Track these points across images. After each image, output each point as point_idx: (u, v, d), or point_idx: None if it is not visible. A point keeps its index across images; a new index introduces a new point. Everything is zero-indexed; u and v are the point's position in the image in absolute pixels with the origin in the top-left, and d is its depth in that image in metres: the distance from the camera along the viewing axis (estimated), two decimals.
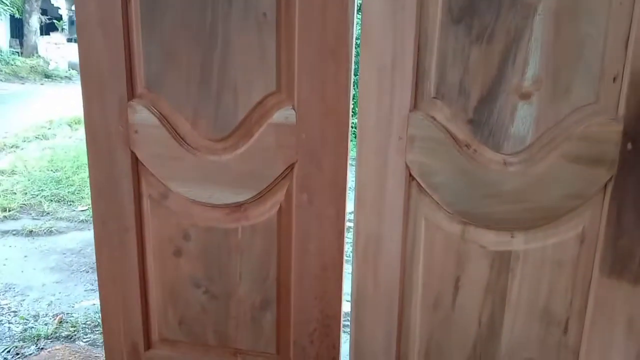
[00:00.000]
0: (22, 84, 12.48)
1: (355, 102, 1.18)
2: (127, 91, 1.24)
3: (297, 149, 1.19)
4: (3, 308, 2.65)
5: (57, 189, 4.44)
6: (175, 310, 1.36)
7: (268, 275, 1.28)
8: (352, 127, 1.19)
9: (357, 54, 1.14)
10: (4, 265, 3.08)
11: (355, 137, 1.15)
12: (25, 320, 2.53)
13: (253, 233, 1.27)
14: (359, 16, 1.13)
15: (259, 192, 1.24)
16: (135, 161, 1.29)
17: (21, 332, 2.45)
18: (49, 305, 2.70)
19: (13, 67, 13.26)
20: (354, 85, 1.19)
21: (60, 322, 2.52)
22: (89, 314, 2.55)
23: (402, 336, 1.25)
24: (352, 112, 1.19)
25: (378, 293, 1.23)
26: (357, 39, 1.12)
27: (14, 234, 3.54)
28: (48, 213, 3.98)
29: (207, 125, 1.22)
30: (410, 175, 1.16)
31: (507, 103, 1.08)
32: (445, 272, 1.19)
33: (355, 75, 1.26)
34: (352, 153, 1.18)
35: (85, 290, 2.86)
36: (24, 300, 2.74)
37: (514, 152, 1.10)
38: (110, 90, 1.24)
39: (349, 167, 1.20)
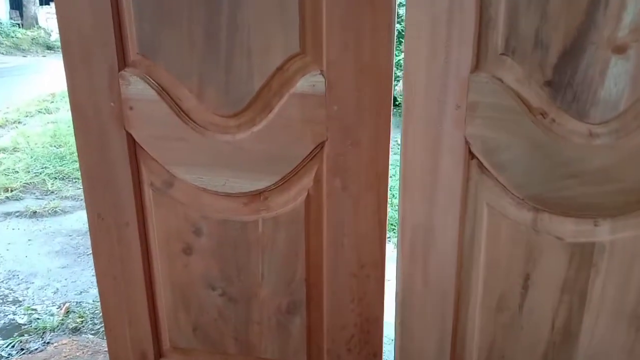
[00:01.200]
0: (24, 56, 12.20)
1: (398, 63, 0.95)
2: (117, 58, 1.01)
3: (327, 123, 0.97)
4: (7, 297, 2.50)
5: (61, 165, 4.25)
6: (188, 315, 1.16)
7: (295, 274, 1.08)
8: (394, 95, 0.96)
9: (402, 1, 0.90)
10: (7, 250, 2.92)
11: (398, 108, 0.92)
12: (30, 311, 2.38)
13: (276, 225, 1.06)
14: None
15: (282, 177, 1.02)
16: (133, 144, 1.07)
17: (26, 324, 2.30)
18: (54, 293, 2.54)
19: (14, 39, 12.97)
20: (397, 42, 0.96)
21: (67, 312, 2.36)
22: (97, 302, 2.39)
23: (458, 343, 1.05)
24: (395, 77, 0.96)
25: (428, 293, 1.03)
26: None
27: (17, 216, 3.37)
28: (52, 192, 3.80)
29: (217, 97, 1.00)
30: (470, 152, 0.94)
31: (596, 59, 0.85)
32: (511, 268, 0.98)
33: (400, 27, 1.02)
34: (394, 129, 0.96)
35: (93, 276, 2.67)
36: (28, 288, 2.58)
37: (602, 120, 0.87)
38: (96, 58, 1.02)
39: (391, 144, 0.98)
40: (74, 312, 2.38)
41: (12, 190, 3.74)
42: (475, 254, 0.99)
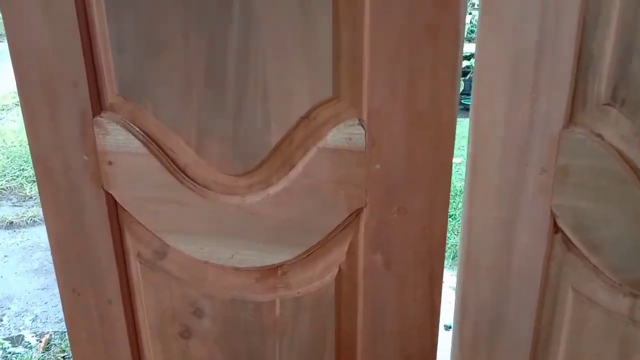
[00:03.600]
0: (2, 41, 11.68)
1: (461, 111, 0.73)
2: (90, 101, 0.78)
3: (366, 186, 0.75)
4: None
5: None
6: None
7: None
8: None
9: (471, 31, 0.67)
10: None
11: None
12: (5, 346, 2.14)
13: (298, 308, 0.84)
14: None
15: (306, 250, 0.80)
16: (113, 206, 0.84)
17: None
18: (33, 321, 2.31)
19: None
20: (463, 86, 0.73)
21: (48, 345, 2.14)
22: None
23: None
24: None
25: None
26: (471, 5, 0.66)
27: None
28: (31, 197, 3.53)
29: (221, 151, 0.77)
30: (556, 226, 0.72)
31: None
32: None
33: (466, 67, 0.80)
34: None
35: None
36: (4, 315, 2.35)
37: None
38: (63, 100, 0.78)
39: (448, 211, 0.76)
40: (55, 345, 2.15)
41: None
42: (553, 349, 0.79)
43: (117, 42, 0.74)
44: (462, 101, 3.76)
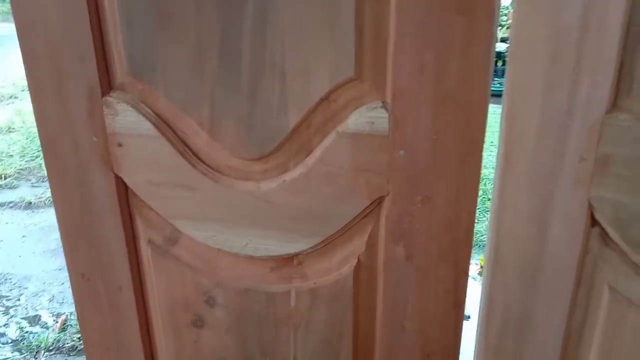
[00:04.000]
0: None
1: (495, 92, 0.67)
2: (99, 79, 0.74)
3: (389, 174, 0.70)
4: None
5: None
6: None
7: None
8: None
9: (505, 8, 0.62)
10: (0, 249, 2.70)
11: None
12: (22, 325, 2.16)
13: (314, 299, 0.80)
14: None
15: (324, 239, 0.76)
16: (124, 190, 0.81)
17: (17, 340, 2.08)
18: (50, 301, 2.32)
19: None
20: (498, 64, 0.68)
21: (64, 325, 2.15)
22: None
23: None
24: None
25: None
26: None
27: (10, 207, 3.14)
28: None
29: (236, 134, 0.73)
30: (593, 219, 0.67)
31: None
32: None
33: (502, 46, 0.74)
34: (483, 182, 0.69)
35: None
36: (21, 294, 2.36)
37: None
38: (71, 78, 0.75)
39: (477, 203, 0.71)
40: (71, 325, 2.16)
41: (6, 177, 3.49)
42: (584, 350, 0.73)
43: (126, 17, 0.70)
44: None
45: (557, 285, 0.71)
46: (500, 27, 4.39)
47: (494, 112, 1.61)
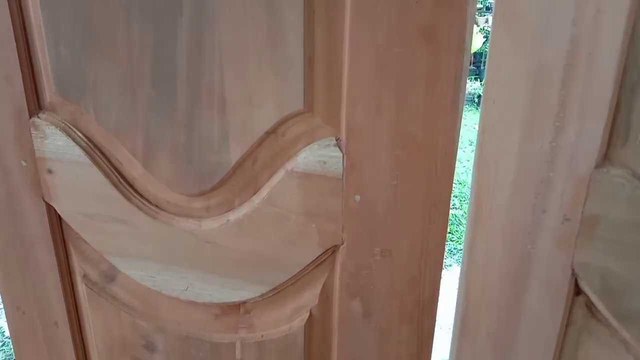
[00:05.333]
0: None
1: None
2: (26, 99, 0.66)
3: (344, 220, 0.61)
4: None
5: None
6: None
7: None
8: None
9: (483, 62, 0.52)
10: None
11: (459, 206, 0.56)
12: (3, 331, 2.11)
13: (262, 353, 0.71)
14: None
15: (272, 288, 0.67)
16: (57, 219, 0.73)
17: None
18: None
19: None
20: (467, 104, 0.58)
21: None
22: None
23: None
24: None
25: None
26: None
27: None
28: None
29: (173, 167, 0.64)
30: (577, 287, 0.57)
31: None
32: None
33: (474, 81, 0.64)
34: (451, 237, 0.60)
35: None
36: None
37: None
38: None
39: (444, 259, 0.61)
40: None
41: None
42: None
43: (52, 33, 0.61)
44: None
45: (536, 357, 0.61)
46: None
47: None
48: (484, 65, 0.53)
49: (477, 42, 4.66)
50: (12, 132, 0.68)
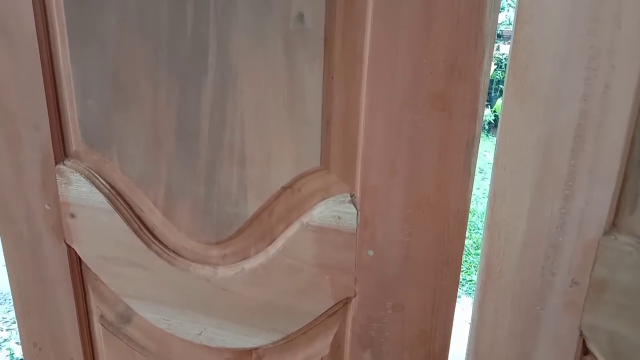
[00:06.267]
0: None
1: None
2: (53, 147, 0.69)
3: (357, 274, 0.62)
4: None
5: None
6: None
7: None
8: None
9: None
10: (3, 265, 2.69)
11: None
12: (13, 351, 2.12)
13: None
14: None
15: (284, 336, 0.69)
16: (77, 261, 0.75)
17: None
18: None
19: None
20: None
21: None
22: None
23: None
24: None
25: None
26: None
27: None
28: None
29: (192, 215, 0.66)
30: (585, 348, 0.58)
31: None
32: None
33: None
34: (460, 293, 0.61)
35: None
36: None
37: None
38: (26, 143, 0.70)
39: (454, 316, 0.63)
40: None
41: None
42: None
43: (81, 86, 0.64)
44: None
45: None
46: None
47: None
48: (494, 92, 0.55)
49: None
50: (38, 177, 0.71)
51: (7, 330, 2.24)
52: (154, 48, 0.60)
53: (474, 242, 3.09)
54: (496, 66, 4.88)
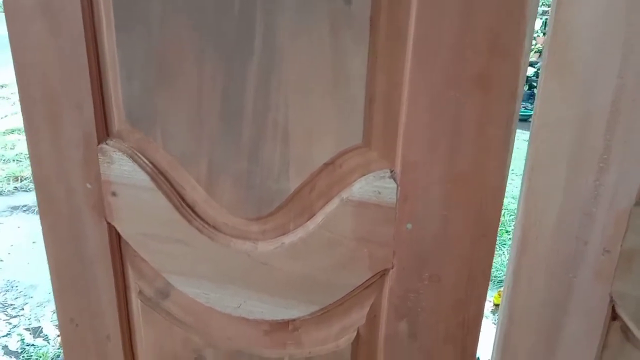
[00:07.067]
0: None
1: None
2: (95, 126, 0.71)
3: (395, 246, 0.65)
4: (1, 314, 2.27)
5: None
6: None
7: None
8: None
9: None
10: (9, 254, 2.70)
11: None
12: (24, 337, 2.14)
13: None
14: None
15: (321, 308, 0.72)
16: (117, 239, 0.77)
17: (17, 352, 2.07)
18: (53, 312, 2.31)
19: None
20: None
21: None
22: None
23: None
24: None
25: None
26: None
27: (24, 211, 3.15)
28: None
29: (234, 192, 0.69)
30: (614, 313, 0.61)
31: None
32: None
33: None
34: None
35: None
36: (26, 303, 2.35)
37: None
38: (67, 123, 0.71)
39: (490, 284, 0.66)
40: None
41: (22, 180, 3.51)
42: None
43: (125, 67, 0.66)
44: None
45: None
46: None
47: (519, 139, 1.55)
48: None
49: None
50: (80, 156, 0.73)
51: (15, 316, 2.26)
52: (199, 28, 0.62)
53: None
54: None
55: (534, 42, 4.93)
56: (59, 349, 2.07)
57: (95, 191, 0.74)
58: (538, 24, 5.29)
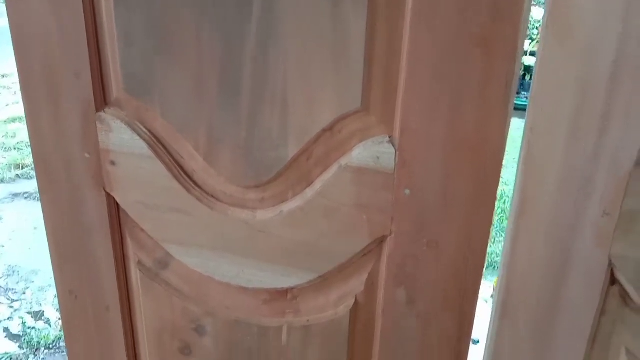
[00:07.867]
0: None
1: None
2: (93, 95, 0.70)
3: (393, 212, 0.65)
4: (2, 298, 2.28)
5: None
6: None
7: None
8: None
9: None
10: (10, 239, 2.71)
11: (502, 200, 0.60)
12: (25, 320, 2.15)
13: (307, 337, 0.76)
14: None
15: (320, 275, 0.72)
16: (115, 209, 0.77)
17: (18, 335, 2.08)
18: (55, 296, 2.32)
19: None
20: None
21: None
22: None
23: None
24: None
25: None
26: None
27: (25, 198, 3.15)
28: None
29: (232, 161, 0.69)
30: (613, 277, 0.61)
31: None
32: None
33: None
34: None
35: None
36: (27, 288, 2.36)
37: None
38: (65, 92, 0.71)
39: (486, 252, 0.66)
40: None
41: (23, 167, 3.51)
42: None
43: (124, 34, 0.66)
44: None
45: (571, 345, 0.65)
46: (530, 41, 4.29)
47: (518, 128, 1.55)
48: None
49: None
50: (78, 125, 0.72)
51: (17, 300, 2.27)
52: None
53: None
54: None
55: (535, 32, 4.90)
56: (60, 331, 2.08)
57: (93, 161, 0.74)
58: (540, 13, 5.26)
